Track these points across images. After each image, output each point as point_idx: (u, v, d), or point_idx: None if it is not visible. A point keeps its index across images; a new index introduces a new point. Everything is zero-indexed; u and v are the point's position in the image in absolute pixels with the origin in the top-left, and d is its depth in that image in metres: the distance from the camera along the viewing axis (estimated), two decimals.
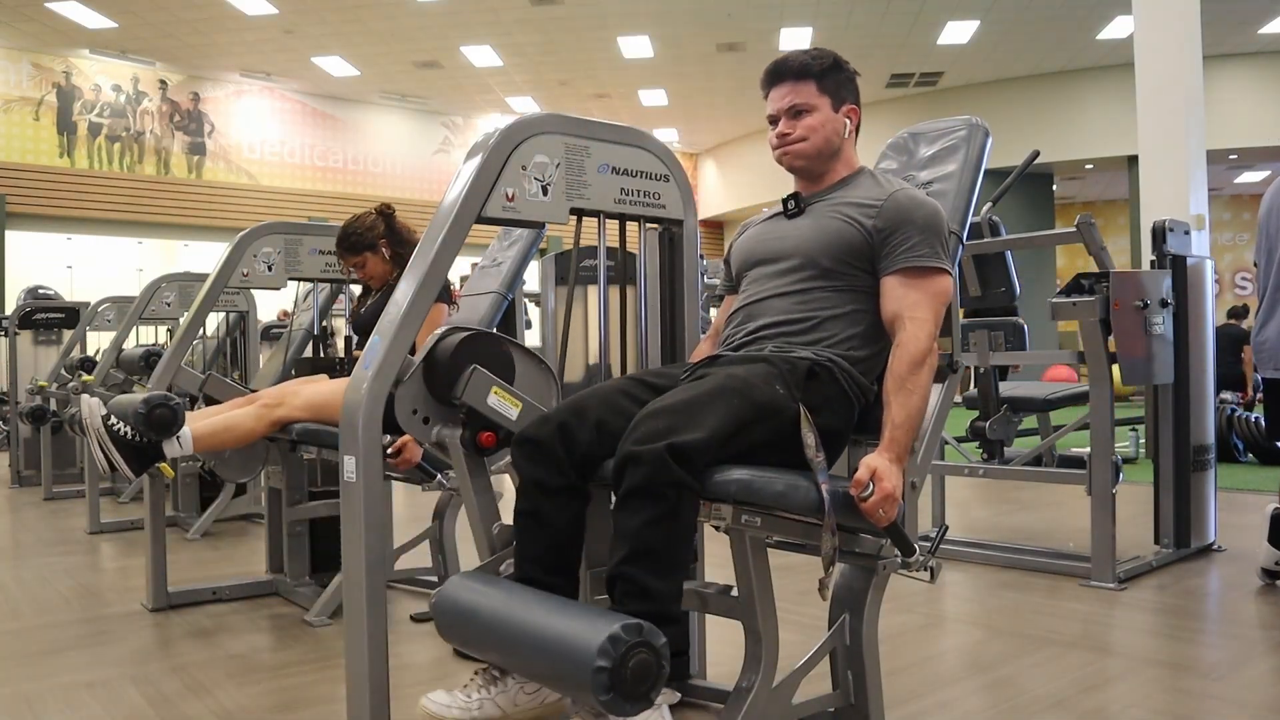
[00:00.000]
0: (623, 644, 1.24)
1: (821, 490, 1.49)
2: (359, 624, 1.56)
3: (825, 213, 1.80)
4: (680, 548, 1.43)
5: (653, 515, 1.39)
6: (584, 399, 1.62)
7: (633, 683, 1.25)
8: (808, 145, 1.81)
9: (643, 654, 1.26)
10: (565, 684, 1.33)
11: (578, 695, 1.32)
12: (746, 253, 1.91)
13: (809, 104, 1.80)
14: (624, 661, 1.24)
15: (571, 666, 1.26)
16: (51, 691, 2.25)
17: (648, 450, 1.40)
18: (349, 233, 2.98)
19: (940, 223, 1.73)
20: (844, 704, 1.72)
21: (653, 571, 1.39)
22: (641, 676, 1.26)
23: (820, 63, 1.80)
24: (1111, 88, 12.87)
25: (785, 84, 1.81)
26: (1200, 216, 6.65)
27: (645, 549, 1.39)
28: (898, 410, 1.58)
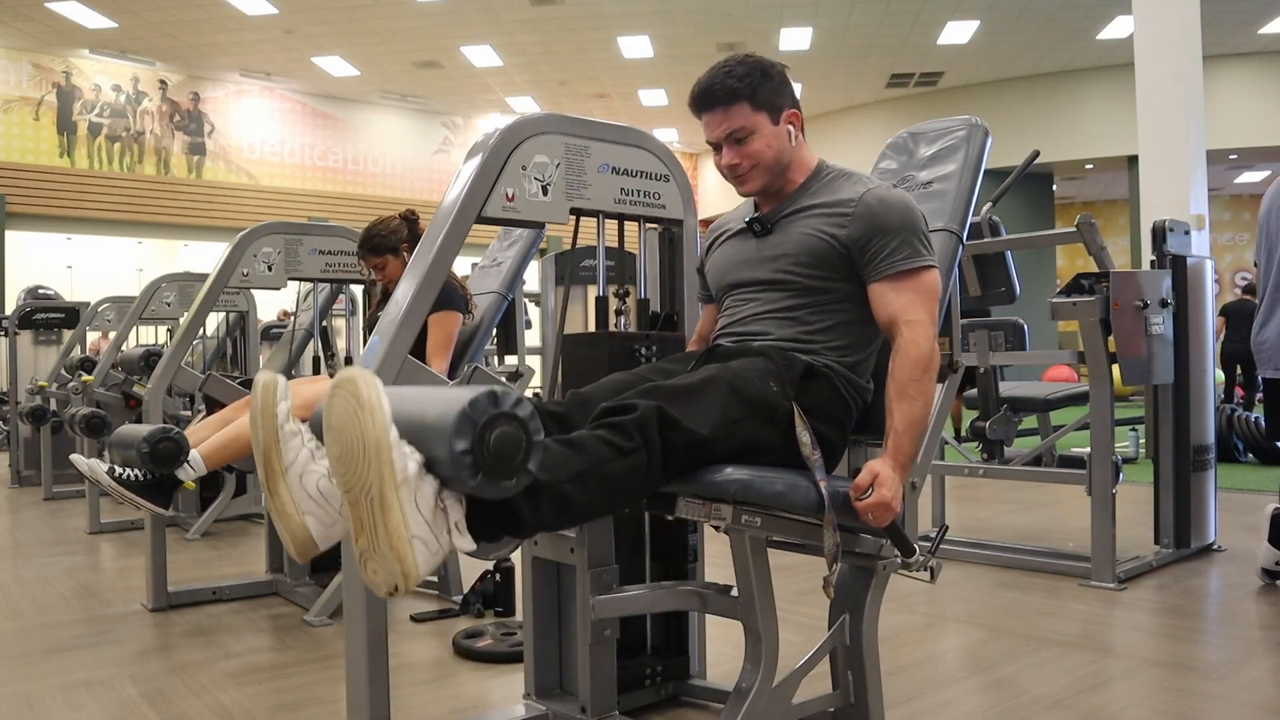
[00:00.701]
0: (483, 412, 1.16)
1: (820, 488, 1.49)
2: (359, 624, 1.56)
3: (793, 228, 1.74)
4: (614, 490, 1.37)
5: (611, 444, 1.36)
6: (588, 391, 1.63)
7: (496, 458, 1.17)
8: (759, 171, 1.73)
9: (504, 426, 1.18)
10: (439, 468, 1.21)
11: (450, 483, 1.21)
12: (720, 274, 1.85)
13: (746, 127, 1.70)
14: (484, 436, 1.16)
15: (437, 448, 1.17)
16: (51, 691, 2.25)
17: (638, 402, 1.42)
18: (373, 234, 3.03)
19: (915, 218, 1.68)
20: (844, 704, 1.72)
21: (569, 469, 1.32)
22: (506, 451, 1.17)
23: (748, 80, 1.68)
24: (1111, 88, 12.88)
25: (717, 110, 1.70)
26: (1200, 216, 6.65)
27: (583, 460, 1.34)
28: (900, 417, 1.56)
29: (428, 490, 1.17)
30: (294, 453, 1.30)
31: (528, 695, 1.97)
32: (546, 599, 1.97)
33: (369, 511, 1.15)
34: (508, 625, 2.63)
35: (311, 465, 1.30)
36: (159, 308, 4.88)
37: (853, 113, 15.17)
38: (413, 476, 1.16)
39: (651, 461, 1.39)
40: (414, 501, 1.16)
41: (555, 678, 1.98)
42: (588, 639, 1.77)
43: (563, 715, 1.88)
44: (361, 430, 1.14)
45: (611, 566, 1.78)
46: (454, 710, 2.11)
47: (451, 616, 2.83)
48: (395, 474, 1.14)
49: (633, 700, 1.98)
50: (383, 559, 1.15)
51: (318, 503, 1.30)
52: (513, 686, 2.15)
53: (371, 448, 1.13)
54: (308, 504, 1.29)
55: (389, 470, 1.13)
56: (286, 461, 1.29)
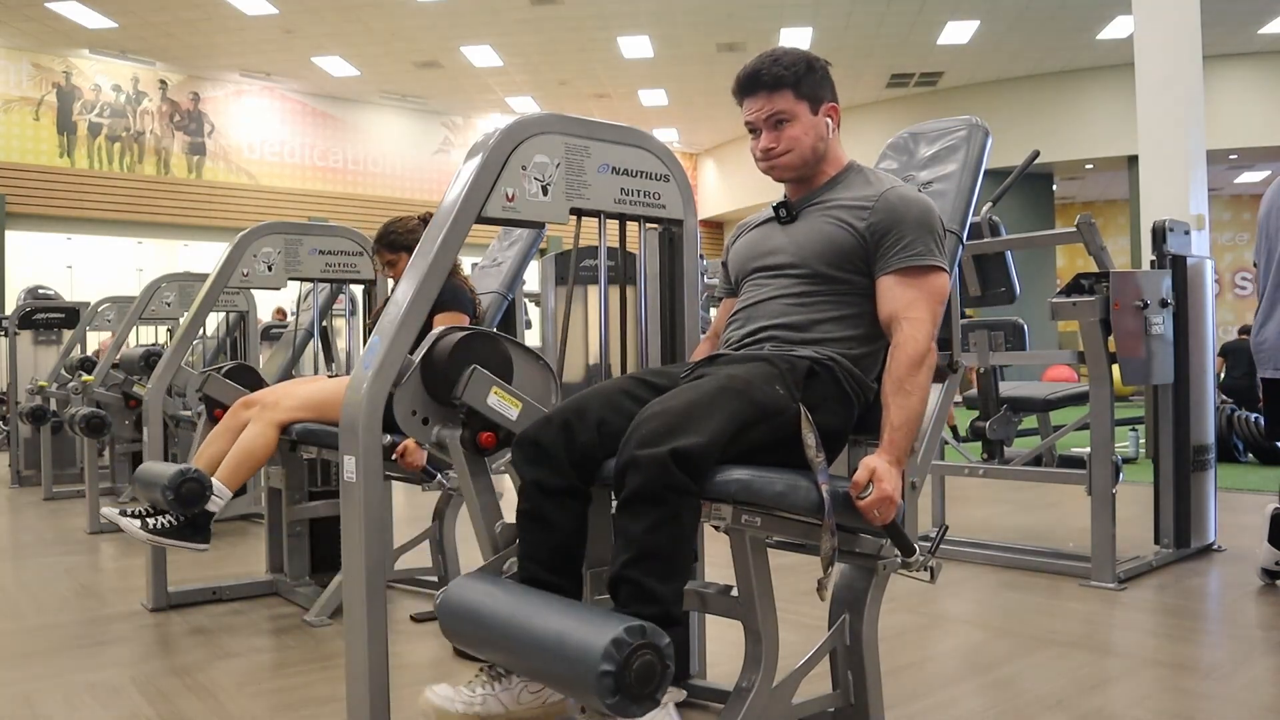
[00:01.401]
0: (627, 646, 1.24)
1: (821, 490, 1.49)
2: (359, 624, 1.56)
3: (817, 217, 1.78)
4: (682, 551, 1.43)
5: (655, 520, 1.39)
6: (585, 399, 1.62)
7: (637, 684, 1.25)
8: (793, 157, 1.78)
9: (647, 655, 1.26)
10: (570, 686, 1.33)
11: (583, 698, 1.33)
12: (743, 259, 1.89)
13: (788, 113, 1.75)
14: (628, 664, 1.24)
15: (576, 669, 1.26)
16: (51, 691, 2.25)
17: (650, 455, 1.39)
18: (390, 230, 3.07)
19: (933, 219, 1.71)
20: (844, 704, 1.72)
21: (656, 574, 1.39)
22: (646, 678, 1.26)
23: (794, 69, 1.74)
24: (1111, 88, 12.88)
25: (760, 95, 1.76)
26: (1200, 216, 6.65)
27: (648, 552, 1.38)
28: (896, 412, 1.58)
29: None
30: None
31: None
32: None
33: None
34: None
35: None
36: (159, 308, 4.88)
37: (853, 113, 15.17)
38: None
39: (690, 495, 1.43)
40: None
41: None
42: None
43: (562, 715, 1.88)
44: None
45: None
46: None
47: None
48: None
49: None
50: None
51: None
52: None
53: None
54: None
55: None
56: None
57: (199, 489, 2.53)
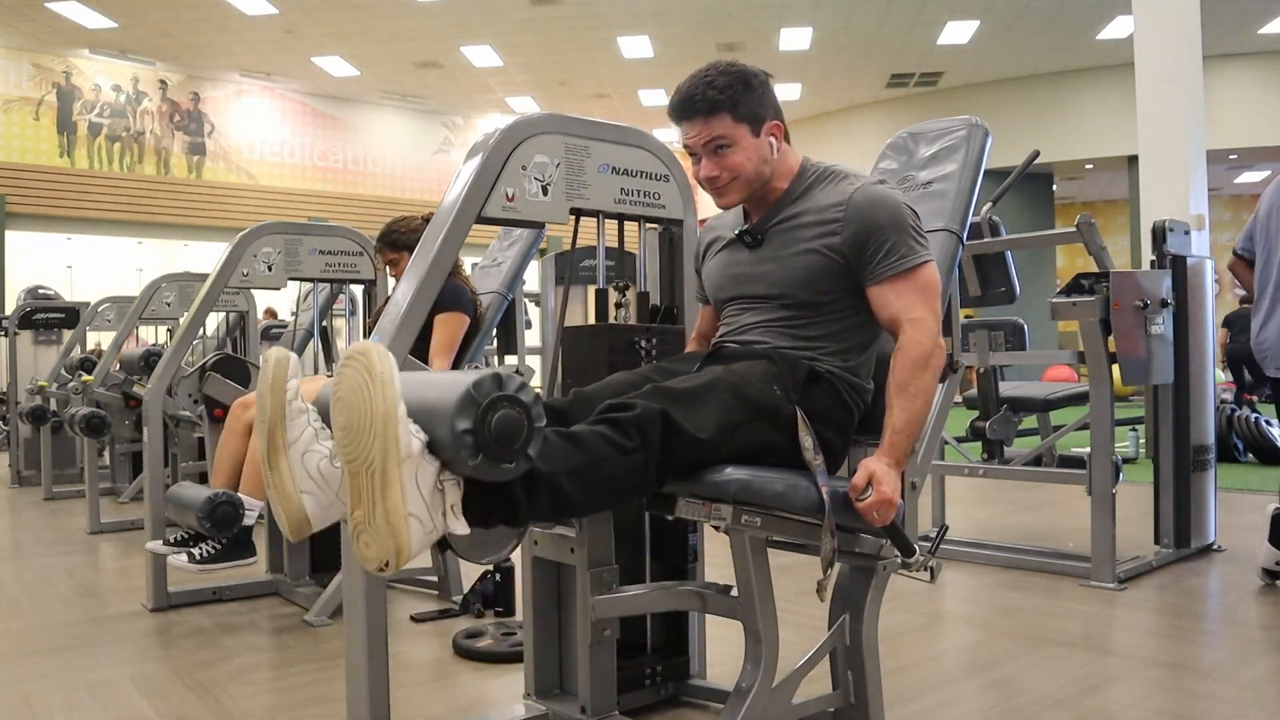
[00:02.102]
0: (486, 394, 1.18)
1: (821, 491, 1.49)
2: (359, 624, 1.56)
3: (786, 240, 1.72)
4: (604, 483, 1.37)
5: (610, 441, 1.36)
6: (608, 381, 1.64)
7: (497, 440, 1.18)
8: (738, 184, 1.70)
9: (507, 409, 1.20)
10: (440, 449, 1.23)
11: (451, 464, 1.23)
12: (717, 284, 1.83)
13: (727, 138, 1.66)
14: (486, 417, 1.18)
15: (441, 432, 1.19)
16: (51, 691, 2.25)
17: (643, 404, 1.41)
18: (393, 229, 3.10)
19: (905, 216, 1.65)
20: (844, 704, 1.72)
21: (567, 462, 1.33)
22: (508, 434, 1.19)
23: (730, 91, 1.64)
24: (1111, 88, 12.88)
25: (697, 120, 1.67)
26: (1200, 216, 6.64)
27: (584, 458, 1.34)
28: (899, 414, 1.56)
29: (429, 470, 1.18)
30: (298, 430, 1.30)
31: (528, 695, 1.97)
32: (546, 599, 1.96)
33: (369, 484, 1.16)
34: (508, 625, 2.63)
35: (315, 445, 1.30)
36: (159, 308, 4.88)
37: (853, 113, 15.17)
38: (416, 454, 1.17)
39: (649, 463, 1.39)
40: (414, 479, 1.17)
41: (555, 678, 1.98)
42: (588, 639, 1.77)
43: (563, 715, 1.88)
44: (370, 403, 1.15)
45: (611, 566, 1.78)
46: (454, 710, 2.11)
47: (451, 616, 2.82)
48: (400, 449, 1.15)
49: (633, 700, 1.98)
50: (377, 533, 1.16)
51: (317, 483, 1.30)
52: (513, 686, 2.15)
53: (379, 421, 1.14)
54: (307, 483, 1.29)
55: (394, 445, 1.14)
56: (290, 438, 1.29)
57: (232, 511, 2.58)
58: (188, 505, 2.59)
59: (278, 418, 1.29)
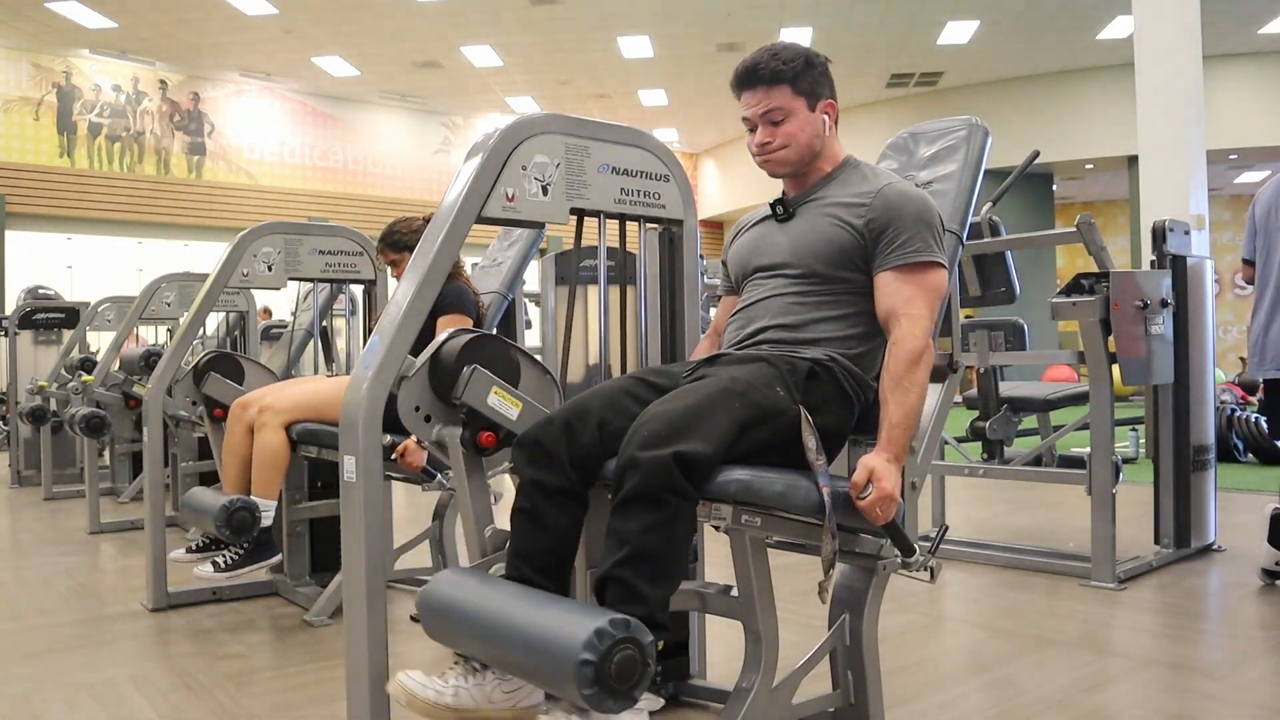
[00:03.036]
0: (609, 638, 1.23)
1: (822, 493, 1.49)
2: (359, 624, 1.56)
3: (815, 215, 1.78)
4: (674, 556, 1.42)
5: (651, 521, 1.38)
6: (586, 399, 1.61)
7: (617, 678, 1.24)
8: (789, 153, 1.78)
9: (628, 650, 1.25)
10: (547, 677, 1.31)
11: (559, 689, 1.30)
12: (742, 259, 1.89)
13: (785, 108, 1.75)
14: (609, 656, 1.23)
15: (555, 659, 1.25)
16: (51, 691, 2.25)
17: (652, 456, 1.39)
18: (394, 230, 3.11)
19: (931, 214, 1.70)
20: (844, 704, 1.72)
21: (645, 576, 1.37)
22: (626, 673, 1.25)
23: (792, 65, 1.74)
24: (1111, 88, 12.87)
25: (758, 89, 1.76)
26: (1200, 216, 6.64)
27: (640, 553, 1.37)
28: (894, 409, 1.57)
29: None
30: None
31: None
32: None
33: None
34: None
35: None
36: (159, 308, 4.88)
37: (853, 113, 15.16)
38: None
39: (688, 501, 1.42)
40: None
41: None
42: None
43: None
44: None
45: None
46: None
47: None
48: None
49: None
50: None
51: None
52: None
53: None
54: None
55: None
56: None
57: (249, 516, 2.61)
58: (205, 512, 2.62)
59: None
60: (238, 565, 2.66)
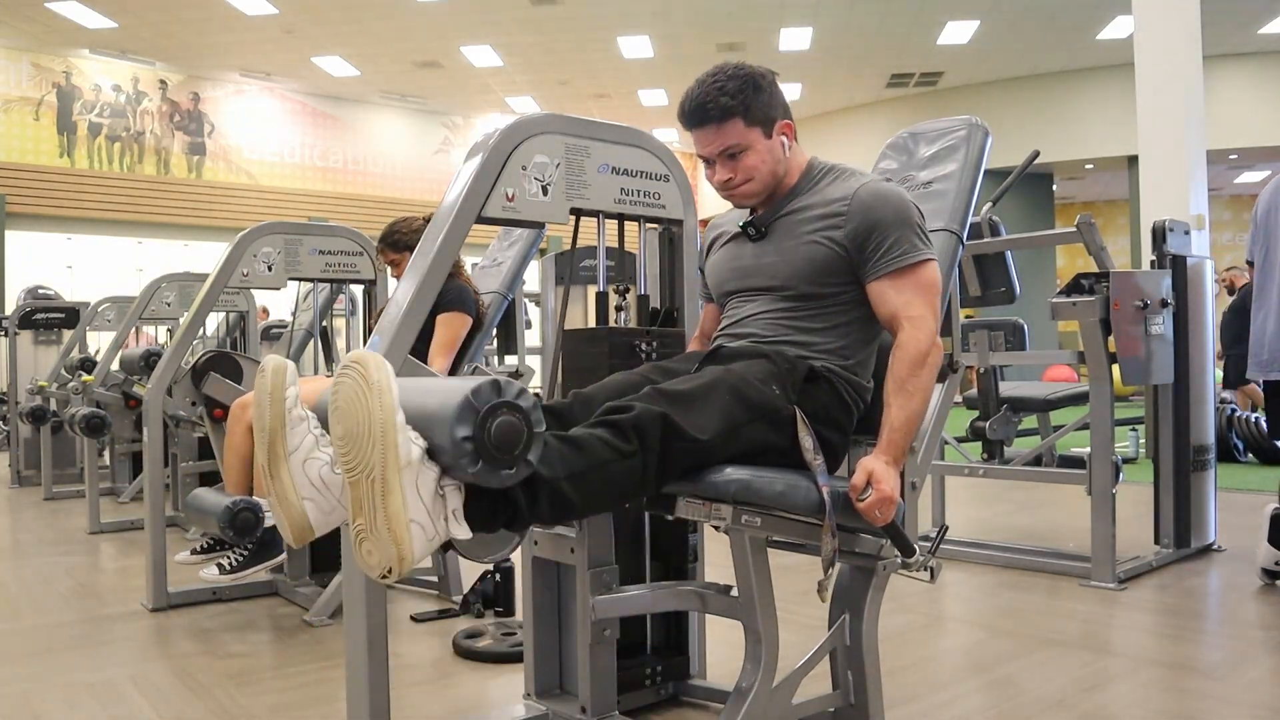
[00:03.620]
0: (485, 400, 1.18)
1: (822, 492, 1.49)
2: (359, 624, 1.56)
3: (791, 232, 1.72)
4: (603, 487, 1.37)
5: (610, 442, 1.36)
6: (607, 382, 1.64)
7: (498, 447, 1.19)
8: (754, 185, 1.72)
9: (506, 415, 1.20)
10: (440, 456, 1.23)
11: (451, 471, 1.22)
12: (720, 278, 1.84)
13: (741, 143, 1.68)
14: (486, 424, 1.18)
15: (439, 438, 1.19)
16: (51, 691, 2.25)
17: (644, 407, 1.41)
18: (395, 230, 3.12)
19: (909, 211, 1.66)
20: (844, 704, 1.72)
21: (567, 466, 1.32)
22: (508, 440, 1.19)
23: (741, 97, 1.65)
24: (1111, 88, 12.87)
25: (709, 128, 1.68)
26: (1200, 216, 6.64)
27: (579, 449, 1.34)
28: (897, 412, 1.56)
29: (429, 476, 1.19)
30: (299, 438, 1.31)
31: (528, 695, 1.97)
32: (546, 599, 1.97)
33: (369, 493, 1.16)
34: (508, 625, 2.63)
35: (315, 452, 1.31)
36: (159, 308, 4.88)
37: (853, 113, 15.17)
38: (415, 461, 1.17)
39: (648, 465, 1.40)
40: (415, 486, 1.17)
41: (555, 678, 1.98)
42: (588, 639, 1.77)
43: (563, 715, 1.88)
44: (369, 411, 1.15)
45: (611, 566, 1.78)
46: (454, 710, 2.11)
47: (451, 616, 2.83)
48: (399, 457, 1.15)
49: (633, 700, 1.98)
50: (379, 540, 1.17)
51: (318, 489, 1.31)
52: (513, 686, 2.15)
53: (378, 429, 1.15)
54: (308, 490, 1.30)
55: (393, 453, 1.15)
56: (291, 446, 1.30)
57: (253, 517, 2.61)
58: (209, 513, 2.62)
59: (278, 426, 1.30)
60: (243, 566, 2.66)
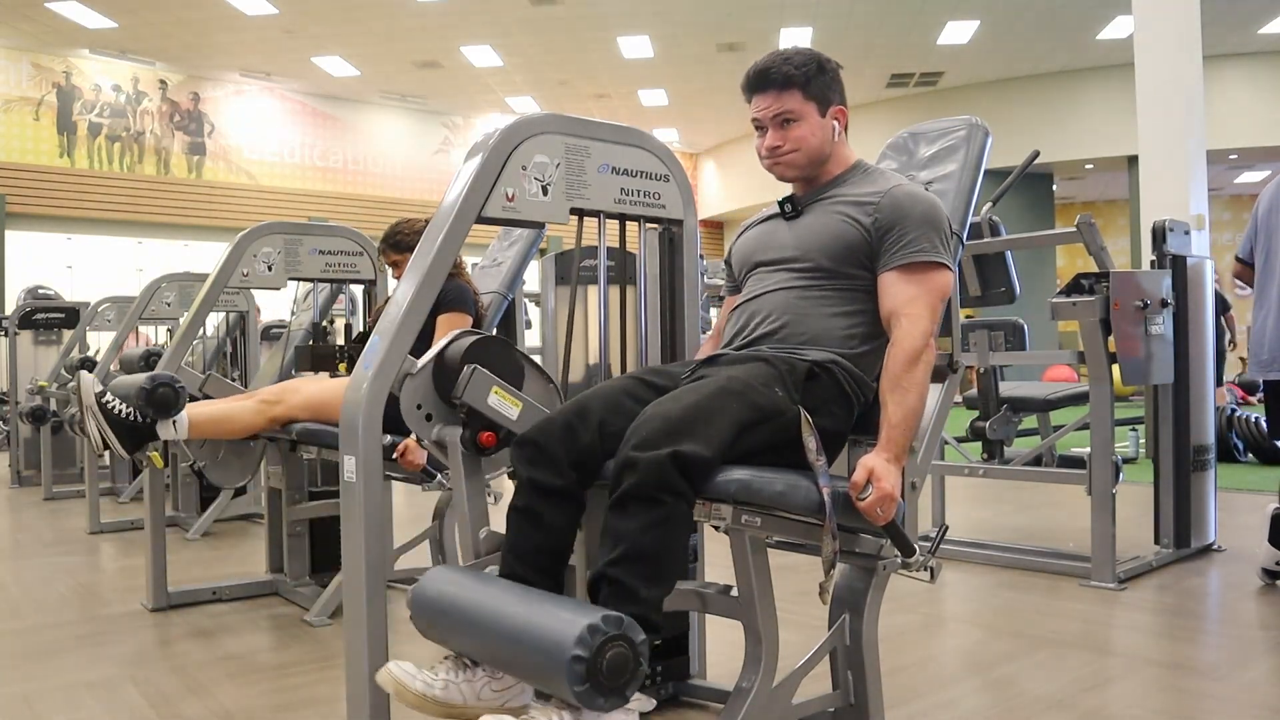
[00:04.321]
0: (601, 634, 1.23)
1: (823, 493, 1.49)
2: (359, 624, 1.56)
3: (823, 212, 1.78)
4: (670, 556, 1.41)
5: (647, 520, 1.37)
6: (586, 399, 1.61)
7: (608, 675, 1.23)
8: (799, 156, 1.79)
9: (620, 647, 1.24)
10: (538, 673, 1.30)
11: (550, 685, 1.29)
12: (746, 255, 1.89)
13: (795, 112, 1.76)
14: (601, 653, 1.22)
15: (547, 655, 1.24)
16: (51, 691, 2.25)
17: (649, 457, 1.39)
18: (397, 230, 3.11)
19: (939, 217, 1.71)
20: (844, 704, 1.72)
21: (640, 575, 1.37)
22: (618, 670, 1.24)
23: (805, 69, 1.75)
24: (1111, 88, 12.87)
25: (769, 92, 1.77)
26: (1200, 216, 6.64)
27: (635, 552, 1.37)
28: (894, 409, 1.57)
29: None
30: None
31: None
32: None
33: None
34: None
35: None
36: (159, 308, 4.88)
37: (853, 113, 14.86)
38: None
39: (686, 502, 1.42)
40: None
41: None
42: None
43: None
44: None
45: None
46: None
47: None
48: None
49: None
50: None
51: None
52: None
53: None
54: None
55: None
56: None
57: (173, 397, 2.46)
58: (135, 379, 2.51)
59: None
60: (111, 421, 2.46)
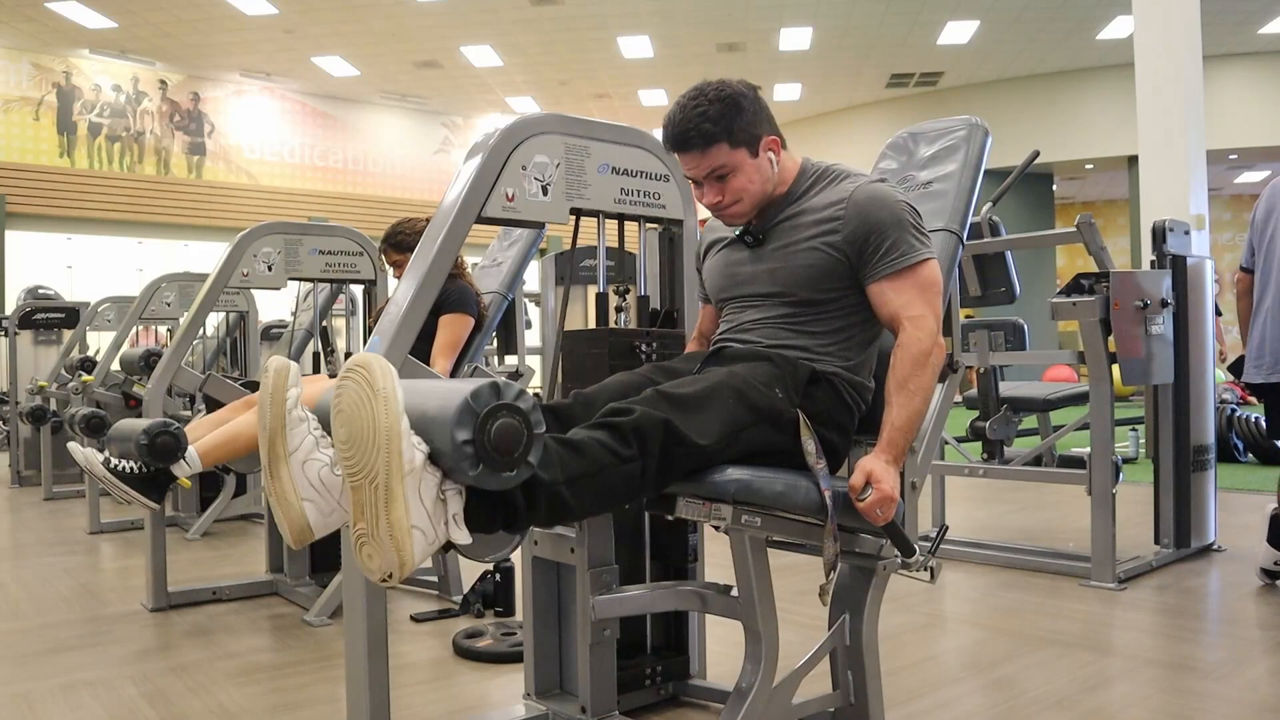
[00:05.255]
0: (485, 403, 1.18)
1: (824, 494, 1.48)
2: (359, 624, 1.56)
3: (788, 239, 1.71)
4: (606, 485, 1.36)
5: (610, 446, 1.35)
6: (607, 383, 1.64)
7: (497, 449, 1.18)
8: (743, 205, 1.69)
9: (506, 417, 1.19)
10: (441, 459, 1.22)
11: (452, 474, 1.22)
12: (717, 284, 1.83)
13: (727, 165, 1.65)
14: (486, 427, 1.17)
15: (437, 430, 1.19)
16: (51, 691, 2.25)
17: (645, 411, 1.40)
18: (398, 230, 3.13)
19: (904, 212, 1.65)
20: (844, 704, 1.72)
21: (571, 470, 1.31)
22: (507, 442, 1.19)
23: (723, 120, 1.61)
24: (1111, 88, 12.87)
25: (693, 153, 1.65)
26: (1200, 216, 6.65)
27: (580, 453, 1.33)
28: (898, 412, 1.56)
29: (431, 482, 1.19)
30: (299, 439, 1.31)
31: (528, 695, 1.97)
32: (546, 599, 1.97)
33: (372, 499, 1.16)
34: (508, 625, 2.63)
35: (315, 453, 1.31)
36: (159, 308, 4.88)
37: (853, 113, 15.17)
38: (419, 467, 1.17)
39: (648, 471, 1.39)
40: (418, 492, 1.17)
41: (555, 678, 1.98)
42: (588, 639, 1.77)
43: (563, 715, 1.88)
44: (373, 417, 1.15)
45: (611, 566, 1.78)
46: (454, 710, 2.11)
47: (451, 616, 2.83)
48: (403, 464, 1.15)
49: (633, 700, 1.98)
50: (381, 546, 1.16)
51: (318, 491, 1.31)
52: (513, 686, 2.15)
53: (382, 436, 1.15)
54: (308, 491, 1.30)
55: (397, 460, 1.15)
56: (291, 447, 1.30)
57: (173, 444, 2.41)
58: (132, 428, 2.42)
59: (278, 426, 1.30)
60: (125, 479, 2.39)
